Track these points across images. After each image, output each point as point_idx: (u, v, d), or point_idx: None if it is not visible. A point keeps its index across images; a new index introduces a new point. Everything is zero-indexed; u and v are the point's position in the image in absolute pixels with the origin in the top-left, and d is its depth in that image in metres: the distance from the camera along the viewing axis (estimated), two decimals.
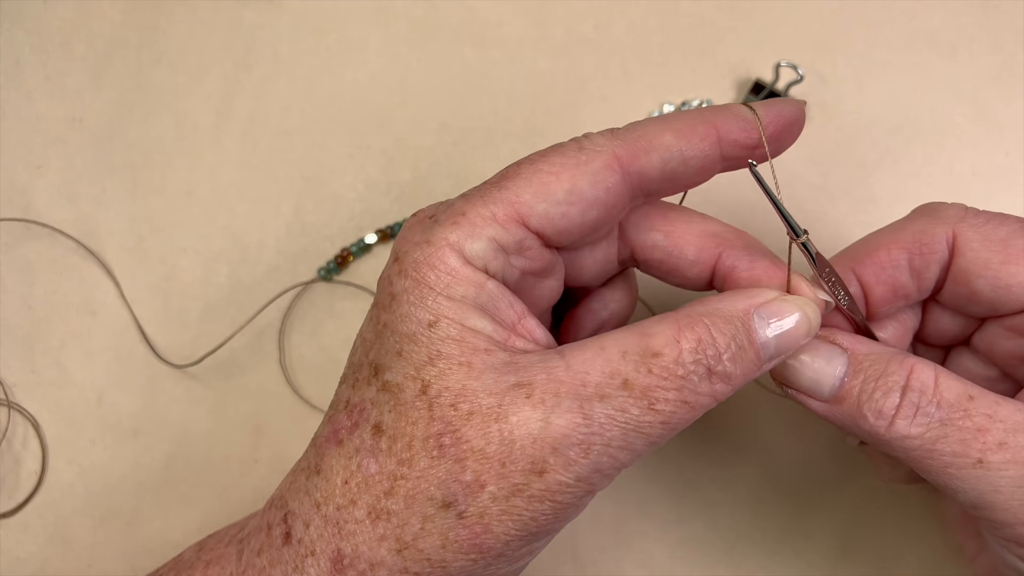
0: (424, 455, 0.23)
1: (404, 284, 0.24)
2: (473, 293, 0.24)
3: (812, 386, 0.26)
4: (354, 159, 0.42)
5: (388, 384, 0.24)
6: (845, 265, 0.29)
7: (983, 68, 0.41)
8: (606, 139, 0.26)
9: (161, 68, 0.43)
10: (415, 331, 0.24)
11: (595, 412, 0.23)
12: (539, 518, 0.23)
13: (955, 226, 0.27)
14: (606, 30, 0.43)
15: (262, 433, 0.39)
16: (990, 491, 0.24)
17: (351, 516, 0.24)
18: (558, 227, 0.25)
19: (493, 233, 0.24)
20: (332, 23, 0.43)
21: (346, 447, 0.25)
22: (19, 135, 0.42)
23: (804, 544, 0.37)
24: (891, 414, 0.25)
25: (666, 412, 0.23)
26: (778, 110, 0.26)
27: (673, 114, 0.26)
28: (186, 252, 0.41)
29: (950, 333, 0.30)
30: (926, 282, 0.28)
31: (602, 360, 0.23)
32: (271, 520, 0.26)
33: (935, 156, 0.40)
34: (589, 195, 0.25)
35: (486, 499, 0.23)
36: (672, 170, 0.26)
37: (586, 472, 0.23)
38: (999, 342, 0.29)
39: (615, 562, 0.37)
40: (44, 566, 0.38)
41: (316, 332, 0.40)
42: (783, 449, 0.38)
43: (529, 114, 0.42)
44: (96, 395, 0.40)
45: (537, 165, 0.25)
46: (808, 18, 0.42)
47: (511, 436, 0.23)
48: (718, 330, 0.24)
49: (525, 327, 0.26)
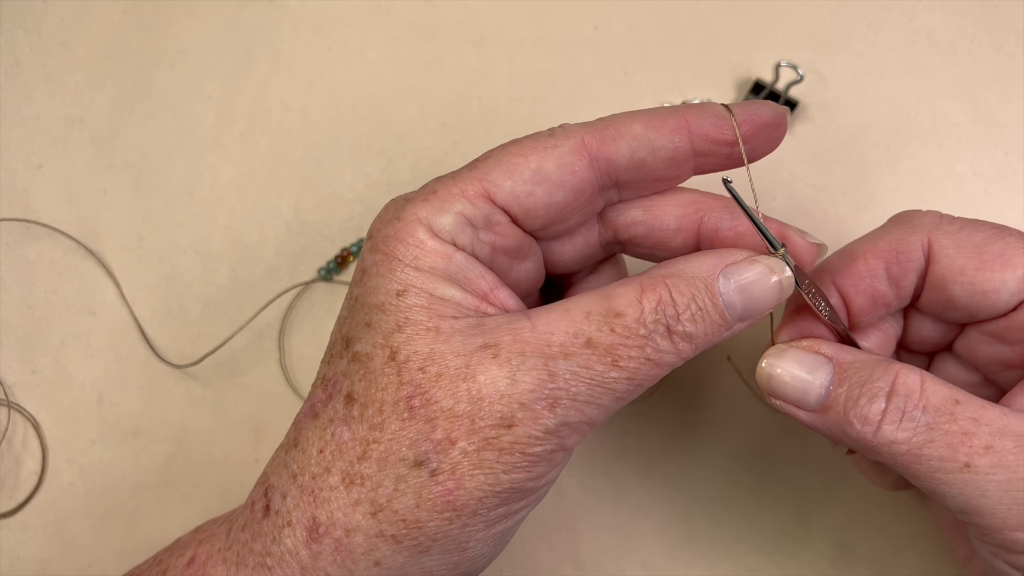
0: (395, 418, 0.24)
1: (374, 258, 0.25)
2: (442, 264, 0.25)
3: (798, 396, 0.26)
4: (354, 159, 0.42)
5: (358, 355, 0.25)
6: (825, 277, 0.29)
7: (983, 68, 0.41)
8: (577, 127, 0.26)
9: (161, 68, 0.43)
10: (384, 301, 0.25)
11: (560, 369, 0.24)
12: (511, 471, 0.24)
13: (930, 233, 0.27)
14: (606, 30, 0.43)
15: (262, 433, 0.39)
16: (977, 495, 0.24)
17: (325, 484, 0.24)
18: (524, 205, 0.26)
19: (461, 208, 0.25)
20: (332, 23, 0.43)
21: (321, 419, 0.25)
22: (19, 135, 0.42)
23: (803, 544, 0.37)
24: (877, 420, 0.25)
25: (630, 368, 0.24)
26: (753, 110, 0.26)
27: (647, 108, 0.27)
28: (186, 252, 0.41)
29: (932, 340, 0.30)
30: (904, 290, 0.28)
31: (566, 321, 0.24)
32: (255, 496, 0.26)
33: (935, 156, 0.40)
34: (555, 176, 0.26)
35: (457, 454, 0.23)
36: (640, 159, 0.26)
37: (554, 425, 0.24)
38: (980, 348, 0.29)
39: (615, 562, 0.37)
40: (44, 566, 0.38)
41: (316, 332, 0.40)
42: (782, 449, 0.38)
43: (529, 114, 0.42)
44: (96, 395, 0.40)
45: (508, 149, 0.26)
46: (808, 18, 0.42)
47: (479, 394, 0.23)
48: (678, 291, 0.24)
49: (497, 297, 0.26)
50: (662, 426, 0.38)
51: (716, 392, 0.39)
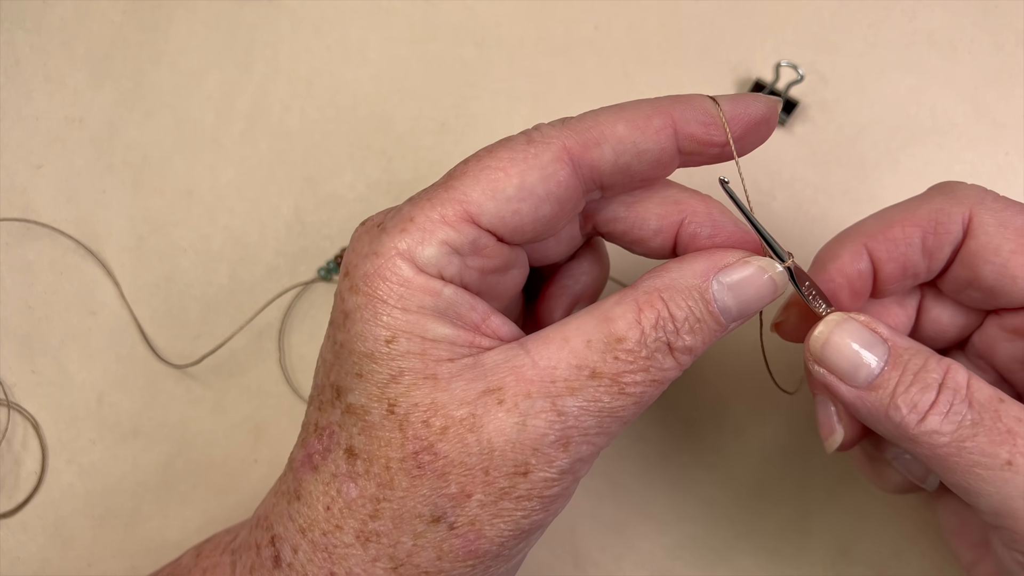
0: (403, 475, 0.23)
1: (356, 300, 0.24)
2: (430, 302, 0.23)
3: (849, 370, 0.25)
4: (354, 159, 0.42)
5: (352, 407, 0.24)
6: (858, 240, 0.28)
7: (983, 68, 0.41)
8: (556, 130, 0.25)
9: (161, 68, 0.43)
10: (373, 349, 0.23)
11: (568, 407, 0.23)
12: (530, 515, 0.23)
13: (973, 207, 0.27)
14: (606, 30, 0.43)
15: (262, 433, 0.39)
16: (1017, 496, 0.23)
17: (339, 541, 0.24)
18: (511, 225, 0.24)
19: (444, 236, 0.23)
20: (332, 23, 0.43)
21: (322, 472, 0.24)
22: (19, 135, 0.42)
23: (803, 544, 0.37)
24: (925, 409, 0.24)
25: (636, 393, 0.24)
26: (743, 107, 0.25)
27: (630, 103, 0.25)
28: (186, 252, 0.41)
29: (947, 334, 0.30)
30: (936, 263, 0.28)
31: (567, 352, 0.23)
32: (259, 540, 0.25)
33: (935, 156, 0.40)
34: (540, 190, 0.24)
35: (474, 507, 0.23)
36: (625, 163, 0.25)
37: (568, 464, 0.23)
38: (999, 344, 0.29)
39: (615, 562, 0.37)
40: (44, 566, 0.38)
41: (316, 332, 0.40)
42: (783, 450, 0.38)
43: (529, 114, 0.42)
44: (96, 395, 0.40)
45: (484, 162, 0.24)
46: (808, 18, 0.42)
47: (490, 444, 0.23)
48: (675, 304, 0.24)
49: (490, 327, 0.25)
50: (662, 427, 0.38)
51: (716, 393, 0.39)
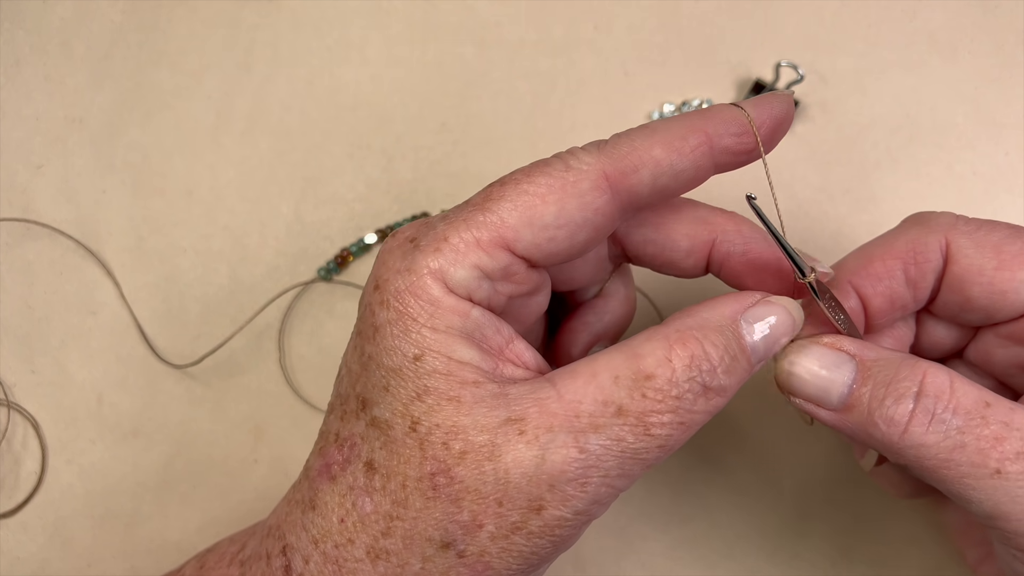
0: (418, 495, 0.23)
1: (387, 315, 0.24)
2: (458, 323, 0.23)
3: (820, 395, 0.25)
4: (354, 159, 0.42)
5: (377, 420, 0.24)
6: (842, 278, 0.28)
7: (983, 68, 0.41)
8: (593, 156, 0.24)
9: (161, 68, 0.43)
10: (400, 365, 0.23)
11: (590, 444, 0.22)
12: (539, 551, 0.23)
13: (947, 233, 0.27)
14: (606, 30, 0.43)
15: (262, 433, 0.39)
16: (1007, 501, 0.23)
17: (350, 555, 0.23)
18: (546, 251, 0.24)
19: (477, 260, 0.24)
20: (332, 23, 0.43)
21: (339, 484, 0.24)
22: (19, 135, 0.42)
23: (803, 546, 0.37)
24: (904, 421, 0.24)
25: (662, 436, 0.23)
26: (770, 108, 0.25)
27: (661, 123, 0.25)
28: (186, 252, 0.41)
29: (945, 345, 0.30)
30: (922, 292, 0.28)
31: (594, 387, 0.23)
32: (270, 550, 0.25)
33: (935, 156, 0.40)
34: (578, 218, 0.24)
35: (485, 538, 0.23)
36: (663, 185, 0.25)
37: (584, 505, 0.23)
38: (995, 351, 0.29)
39: (615, 562, 0.37)
40: (44, 566, 0.38)
41: (316, 332, 0.40)
42: (783, 451, 0.38)
43: (529, 114, 0.42)
44: (96, 395, 0.40)
45: (522, 186, 0.24)
46: (808, 18, 0.42)
47: (506, 475, 0.22)
48: (711, 343, 0.24)
49: (513, 351, 0.25)
50: None
51: None
